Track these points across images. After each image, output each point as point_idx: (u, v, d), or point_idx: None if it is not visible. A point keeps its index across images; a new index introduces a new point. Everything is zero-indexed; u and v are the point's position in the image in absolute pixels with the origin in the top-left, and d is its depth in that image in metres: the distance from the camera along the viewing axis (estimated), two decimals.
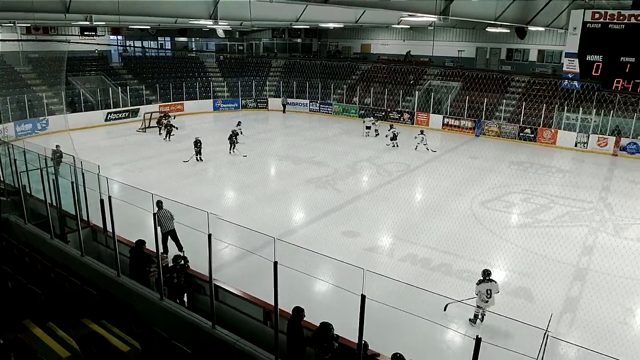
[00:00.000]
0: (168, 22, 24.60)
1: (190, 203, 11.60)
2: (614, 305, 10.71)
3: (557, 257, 13.06)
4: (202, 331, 7.57)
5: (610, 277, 12.07)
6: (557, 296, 11.29)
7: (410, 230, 14.91)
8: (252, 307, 8.36)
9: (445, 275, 12.16)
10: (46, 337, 6.49)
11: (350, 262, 6.69)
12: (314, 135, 27.31)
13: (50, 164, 11.12)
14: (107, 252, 10.62)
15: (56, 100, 29.05)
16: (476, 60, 37.01)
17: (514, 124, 29.08)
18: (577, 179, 21.05)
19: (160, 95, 33.91)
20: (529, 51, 34.90)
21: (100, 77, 33.72)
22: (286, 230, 14.36)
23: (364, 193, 18.69)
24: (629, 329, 10.22)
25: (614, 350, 8.42)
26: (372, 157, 23.60)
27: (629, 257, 12.48)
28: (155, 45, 44.41)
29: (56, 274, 8.18)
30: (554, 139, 27.71)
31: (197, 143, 21.80)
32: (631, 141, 25.50)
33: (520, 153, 25.44)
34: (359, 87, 36.16)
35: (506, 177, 20.70)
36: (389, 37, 40.94)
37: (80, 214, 10.51)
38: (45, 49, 31.15)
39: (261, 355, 6.95)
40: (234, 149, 23.08)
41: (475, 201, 17.63)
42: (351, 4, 16.82)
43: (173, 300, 8.83)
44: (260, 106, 37.53)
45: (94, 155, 18.35)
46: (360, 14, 24.43)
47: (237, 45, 45.36)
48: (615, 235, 15.00)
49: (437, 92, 33.01)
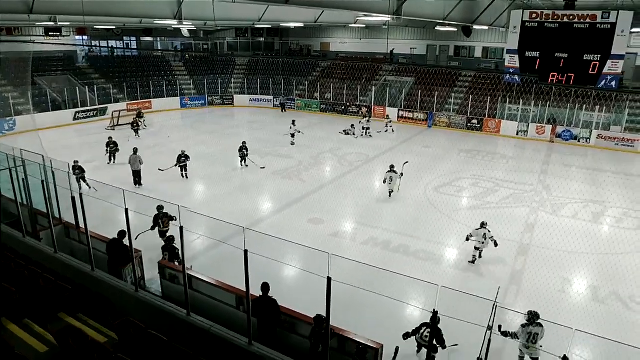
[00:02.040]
0: (133, 23, 23.76)
1: (162, 198, 11.37)
2: (553, 277, 11.23)
3: (503, 235, 13.52)
4: (177, 319, 7.46)
5: (549, 251, 12.64)
6: (503, 270, 11.74)
7: (371, 216, 15.10)
8: (224, 293, 8.30)
9: (404, 255, 12.40)
10: (23, 333, 6.23)
11: (316, 247, 6.73)
12: (278, 129, 27.13)
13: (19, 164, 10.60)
14: (81, 247, 10.25)
15: (23, 101, 27.64)
16: (427, 56, 37.62)
17: (462, 115, 29.78)
18: (519, 164, 21.81)
19: (128, 94, 32.81)
20: (474, 48, 35.75)
21: (67, 76, 32.25)
22: (255, 220, 14.27)
23: (327, 182, 18.76)
24: (567, 297, 10.76)
25: (554, 316, 8.84)
26: (333, 148, 23.69)
27: (565, 233, 13.07)
28: (121, 45, 42.86)
29: (30, 271, 7.85)
30: (498, 128, 28.57)
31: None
32: (565, 129, 26.60)
33: (468, 142, 26.11)
34: (319, 84, 36.12)
35: (456, 164, 21.22)
36: (347, 35, 41.04)
37: (52, 211, 10.10)
38: (10, 50, 29.52)
39: (235, 339, 6.93)
40: (245, 162, 19.99)
41: (429, 187, 18.01)
42: (310, 5, 16.76)
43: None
44: (227, 103, 36.93)
45: (64, 154, 17.62)
46: (319, 14, 24.35)
47: (202, 44, 44.40)
48: (553, 213, 15.67)
49: (392, 87, 33.39)
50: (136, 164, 17.49)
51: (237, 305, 8.14)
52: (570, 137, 26.45)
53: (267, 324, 7.47)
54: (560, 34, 25.31)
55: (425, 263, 12.15)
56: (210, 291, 8.47)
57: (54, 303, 6.94)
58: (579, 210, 15.96)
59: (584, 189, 17.57)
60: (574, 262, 12.18)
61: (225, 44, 43.56)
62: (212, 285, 8.48)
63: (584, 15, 24.49)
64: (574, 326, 5.46)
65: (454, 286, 8.59)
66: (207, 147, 23.27)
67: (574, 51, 25.19)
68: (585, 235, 13.24)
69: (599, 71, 24.89)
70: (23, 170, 10.60)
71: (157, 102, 33.85)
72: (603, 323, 9.35)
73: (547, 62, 26.03)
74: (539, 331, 7.62)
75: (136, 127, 26.08)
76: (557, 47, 25.60)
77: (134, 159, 17.49)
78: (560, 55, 25.65)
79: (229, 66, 39.85)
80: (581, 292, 11.12)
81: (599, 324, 9.17)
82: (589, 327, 7.92)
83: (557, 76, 26.01)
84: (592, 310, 10.07)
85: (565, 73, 25.79)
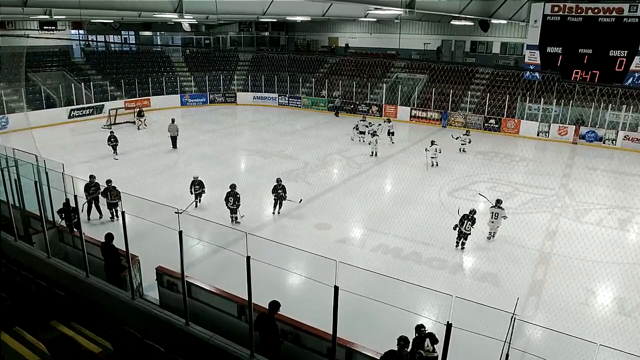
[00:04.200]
0: (131, 16, 23.95)
1: (161, 199, 11.41)
2: (576, 287, 11.11)
3: (522, 242, 13.47)
4: (175, 329, 7.47)
5: (572, 260, 12.53)
6: (522, 280, 11.64)
7: (381, 221, 15.07)
8: (225, 302, 8.30)
9: (416, 263, 12.36)
10: (13, 342, 6.27)
11: (323, 254, 6.72)
12: (283, 128, 27.18)
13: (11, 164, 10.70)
14: (75, 252, 10.33)
15: (16, 98, 27.96)
16: (442, 52, 37.51)
17: (478, 115, 29.67)
18: (540, 167, 21.68)
19: (126, 91, 33.06)
20: (492, 44, 35.62)
21: (62, 73, 32.57)
22: (258, 225, 14.30)
23: (335, 185, 18.76)
24: (590, 309, 10.65)
25: (577, 329, 8.76)
26: (341, 149, 23.69)
27: (589, 241, 12.94)
28: (119, 39, 43.17)
29: (22, 276, 7.92)
30: (517, 128, 28.43)
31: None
32: (590, 129, 26.40)
33: (485, 143, 25.99)
34: (327, 81, 36.16)
35: (472, 166, 21.12)
36: (357, 30, 41.05)
37: (45, 214, 10.18)
38: (2, 45, 29.85)
39: (236, 350, 6.92)
40: (280, 207, 15.57)
41: (442, 190, 17.94)
42: None
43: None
44: (229, 101, 37.07)
45: (58, 154, 17.81)
46: (327, 7, 24.39)
47: (204, 39, 44.60)
48: (576, 220, 15.55)
49: (404, 84, 33.34)
50: (174, 131, 22.98)
51: (238, 314, 8.14)
52: (595, 139, 26.24)
53: (268, 340, 7.42)
54: (584, 28, 25.17)
55: (438, 272, 12.09)
56: (210, 299, 8.48)
57: (47, 310, 6.99)
58: (604, 216, 15.82)
59: (609, 194, 17.41)
60: (599, 272, 12.04)
61: (228, 38, 43.72)
62: (212, 294, 8.49)
63: (609, 8, 24.33)
64: (598, 341, 5.40)
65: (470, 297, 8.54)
66: (208, 147, 23.37)
67: (599, 47, 25.02)
68: (610, 243, 13.12)
69: (625, 68, 24.70)
70: (15, 170, 10.69)
71: (156, 100, 34.06)
72: (630, 338, 9.26)
73: (570, 58, 25.89)
74: (499, 211, 13.40)
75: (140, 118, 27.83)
76: (580, 43, 25.46)
77: (172, 127, 22.97)
78: (584, 51, 25.50)
79: (231, 62, 40.02)
80: (606, 304, 11.00)
81: (625, 338, 9.08)
82: (615, 342, 7.85)
83: (580, 73, 25.87)
84: (618, 323, 9.95)
85: (589, 70, 25.64)
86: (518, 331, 6.51)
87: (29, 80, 29.95)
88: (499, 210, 13.53)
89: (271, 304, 7.41)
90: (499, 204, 13.64)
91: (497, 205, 13.62)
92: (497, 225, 13.63)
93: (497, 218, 13.53)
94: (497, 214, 13.52)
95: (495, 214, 13.55)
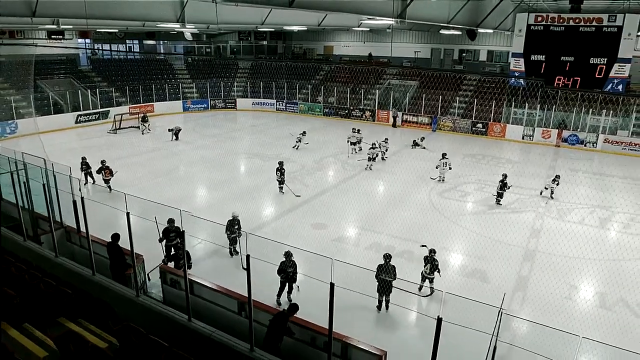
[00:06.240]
0: (136, 26, 23.91)
1: (163, 201, 11.39)
2: (559, 283, 11.16)
3: (509, 240, 13.50)
4: (178, 324, 7.45)
5: (556, 257, 12.58)
6: (509, 276, 11.67)
7: (374, 221, 15.07)
8: (226, 299, 8.28)
9: (408, 261, 12.36)
10: (23, 338, 6.23)
11: (319, 252, 6.72)
12: (280, 133, 27.15)
13: (20, 167, 10.65)
14: (82, 252, 10.28)
15: (25, 104, 27.82)
16: (431, 60, 37.65)
17: (466, 120, 29.75)
18: (525, 169, 21.74)
19: (130, 97, 32.97)
20: (479, 52, 35.76)
21: (69, 80, 32.45)
22: (257, 225, 14.27)
23: (331, 187, 18.76)
24: (573, 304, 10.70)
25: (560, 323, 8.80)
26: (336, 153, 23.69)
27: (572, 239, 13.02)
28: (123, 48, 43.07)
29: (30, 275, 7.87)
30: (503, 132, 28.52)
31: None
32: (572, 133, 26.52)
33: (473, 146, 26.07)
34: (322, 87, 36.21)
35: (461, 168, 21.17)
36: (350, 39, 41.13)
37: (53, 215, 10.13)
38: (12, 53, 29.74)
39: (237, 345, 6.91)
40: (282, 188, 17.10)
41: (433, 192, 17.98)
42: (314, 8, 16.79)
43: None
44: (229, 106, 37.05)
45: (65, 157, 17.72)
46: (322, 17, 24.44)
47: (205, 47, 44.58)
48: (559, 219, 15.61)
49: (395, 90, 33.40)
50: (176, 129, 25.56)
51: (239, 310, 8.12)
52: (577, 142, 26.36)
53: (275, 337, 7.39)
54: (566, 37, 25.32)
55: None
56: (211, 296, 8.46)
57: (55, 308, 6.94)
58: (585, 215, 15.89)
59: (590, 194, 17.50)
60: (581, 268, 12.09)
61: (228, 47, 43.75)
62: (213, 291, 8.46)
63: (589, 18, 24.50)
64: (581, 333, 5.42)
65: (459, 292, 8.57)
66: (209, 151, 23.33)
67: (580, 55, 25.18)
68: (592, 241, 13.18)
69: (605, 75, 24.86)
70: (24, 173, 10.66)
71: (159, 106, 33.96)
72: (610, 330, 9.29)
73: (552, 65, 26.02)
74: (447, 161, 18.57)
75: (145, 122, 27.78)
76: (563, 51, 25.60)
77: (175, 127, 25.87)
78: (566, 58, 25.64)
79: (231, 70, 40.00)
80: (588, 298, 11.05)
81: (606, 331, 9.11)
82: (596, 335, 7.88)
83: (563, 80, 26.00)
84: (599, 317, 10.00)
85: (571, 77, 25.78)
86: (505, 325, 6.54)
87: (38, 87, 29.84)
88: (446, 159, 18.51)
89: (291, 306, 7.49)
90: (444, 156, 18.64)
91: (444, 157, 18.59)
92: (445, 172, 18.64)
93: (445, 167, 18.57)
94: (446, 163, 18.49)
95: (444, 163, 18.44)
